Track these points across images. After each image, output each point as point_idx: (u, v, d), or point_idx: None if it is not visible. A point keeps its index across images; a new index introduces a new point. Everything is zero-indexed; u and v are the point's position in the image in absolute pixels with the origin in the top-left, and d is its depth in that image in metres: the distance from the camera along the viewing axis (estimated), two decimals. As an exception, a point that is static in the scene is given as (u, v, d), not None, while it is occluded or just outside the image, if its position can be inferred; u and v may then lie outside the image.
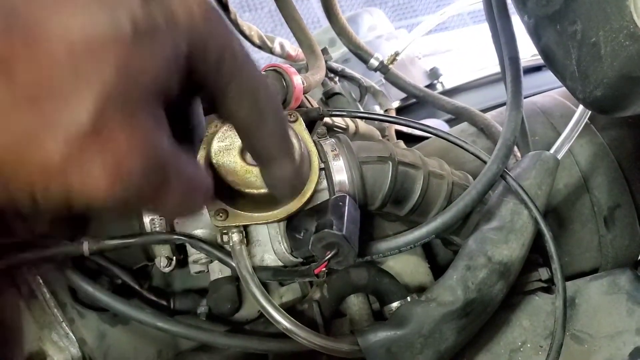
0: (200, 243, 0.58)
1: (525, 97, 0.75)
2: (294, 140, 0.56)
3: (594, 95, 0.52)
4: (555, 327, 0.59)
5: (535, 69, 1.35)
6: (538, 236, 0.63)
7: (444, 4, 3.19)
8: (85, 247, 0.57)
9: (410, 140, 1.03)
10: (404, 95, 1.27)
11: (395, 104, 1.33)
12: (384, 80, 1.10)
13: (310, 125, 0.67)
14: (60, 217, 0.59)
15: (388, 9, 3.12)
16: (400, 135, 1.05)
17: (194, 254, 0.60)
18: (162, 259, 0.60)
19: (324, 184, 0.61)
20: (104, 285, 0.60)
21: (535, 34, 0.57)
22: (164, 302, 0.62)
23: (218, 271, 0.62)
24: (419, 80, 1.36)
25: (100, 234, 0.59)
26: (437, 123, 1.27)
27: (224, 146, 0.55)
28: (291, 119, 0.61)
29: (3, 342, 0.54)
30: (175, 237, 0.58)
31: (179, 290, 0.67)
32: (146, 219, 0.59)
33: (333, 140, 0.64)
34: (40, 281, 0.59)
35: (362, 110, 1.06)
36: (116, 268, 0.60)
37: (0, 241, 0.58)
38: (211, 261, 0.61)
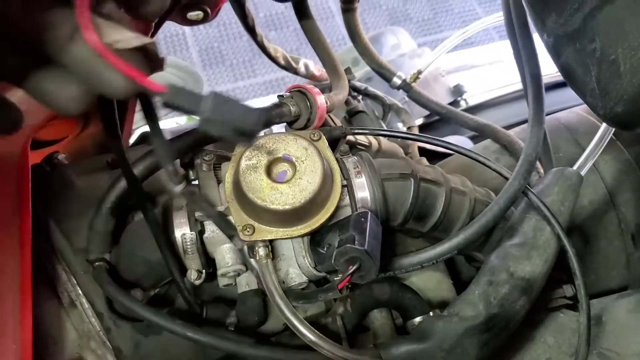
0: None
1: (549, 114, 0.75)
2: (317, 158, 0.58)
3: (614, 111, 0.52)
4: (579, 344, 0.58)
5: (560, 84, 1.34)
6: (563, 254, 0.62)
7: (469, 19, 3.19)
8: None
9: (434, 157, 1.04)
10: (427, 112, 1.28)
11: (419, 121, 1.34)
12: (407, 98, 1.12)
13: (334, 143, 0.69)
14: None
15: (413, 25, 3.13)
16: (423, 152, 1.06)
17: (222, 267, 0.62)
18: (192, 272, 0.63)
19: (347, 200, 0.62)
20: (138, 296, 0.63)
21: (555, 52, 0.58)
22: (197, 311, 0.64)
23: (245, 284, 0.64)
24: (442, 97, 1.37)
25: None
26: (460, 140, 1.27)
27: (251, 165, 0.58)
28: (314, 138, 0.64)
29: (45, 348, 0.58)
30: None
31: (210, 299, 0.69)
32: (177, 234, 0.62)
33: (355, 157, 0.66)
34: (80, 292, 0.63)
35: (385, 128, 1.08)
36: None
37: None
38: (239, 274, 0.64)
